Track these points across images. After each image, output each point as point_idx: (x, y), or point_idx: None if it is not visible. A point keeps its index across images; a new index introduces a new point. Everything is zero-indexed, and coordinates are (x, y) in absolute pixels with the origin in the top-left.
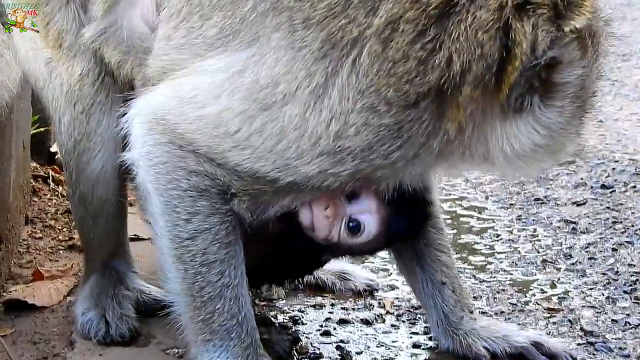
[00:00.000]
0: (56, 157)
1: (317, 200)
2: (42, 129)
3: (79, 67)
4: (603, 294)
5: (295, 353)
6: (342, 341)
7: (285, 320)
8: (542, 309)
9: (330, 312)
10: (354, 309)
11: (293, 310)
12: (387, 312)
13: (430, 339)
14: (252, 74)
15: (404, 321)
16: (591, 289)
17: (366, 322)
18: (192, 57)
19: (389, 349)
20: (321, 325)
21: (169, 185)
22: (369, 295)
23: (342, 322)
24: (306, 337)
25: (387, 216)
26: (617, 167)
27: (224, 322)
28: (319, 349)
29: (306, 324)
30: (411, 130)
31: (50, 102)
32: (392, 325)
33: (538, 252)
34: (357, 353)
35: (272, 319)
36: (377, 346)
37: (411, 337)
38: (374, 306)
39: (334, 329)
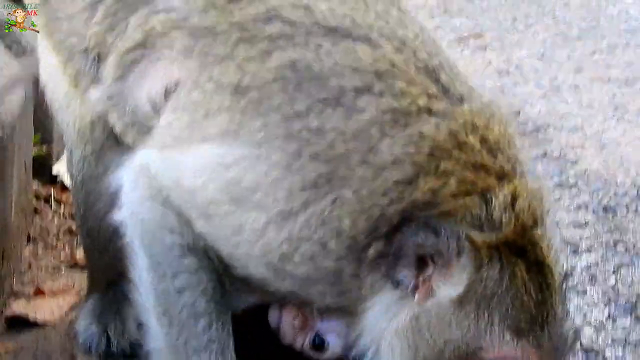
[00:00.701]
0: (58, 177)
1: (289, 306)
2: (44, 149)
3: (90, 112)
4: (603, 313)
5: None
6: None
7: None
8: None
9: None
10: None
11: None
12: None
13: None
14: (237, 173)
15: None
16: (592, 308)
17: None
18: (186, 144)
19: None
20: None
21: (153, 242)
22: None
23: None
24: None
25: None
26: (619, 190)
27: None
28: None
29: None
30: (348, 284)
31: (65, 130)
32: None
33: None
34: None
35: None
36: None
37: None
38: None
39: None
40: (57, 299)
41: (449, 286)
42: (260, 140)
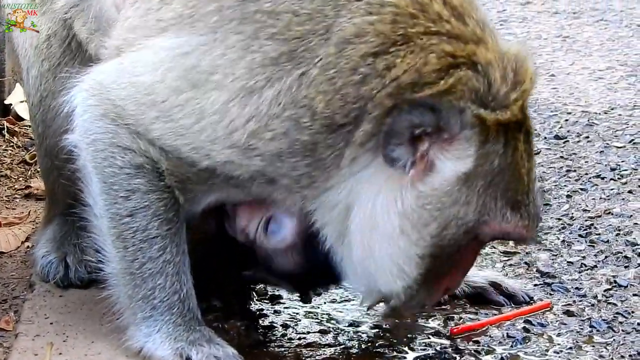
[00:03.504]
0: (11, 107)
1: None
2: None
3: (46, 27)
4: (559, 238)
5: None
6: None
7: None
8: (499, 252)
9: None
10: None
11: None
12: None
13: None
14: (195, 59)
15: None
16: (547, 233)
17: None
18: (142, 37)
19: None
20: None
21: (104, 163)
22: None
23: None
24: None
25: (304, 241)
26: (570, 118)
27: (166, 297)
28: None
29: None
30: (323, 154)
31: (21, 49)
32: None
33: None
34: None
35: None
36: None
37: None
38: None
39: None
40: (13, 229)
41: (453, 161)
42: (215, 24)
